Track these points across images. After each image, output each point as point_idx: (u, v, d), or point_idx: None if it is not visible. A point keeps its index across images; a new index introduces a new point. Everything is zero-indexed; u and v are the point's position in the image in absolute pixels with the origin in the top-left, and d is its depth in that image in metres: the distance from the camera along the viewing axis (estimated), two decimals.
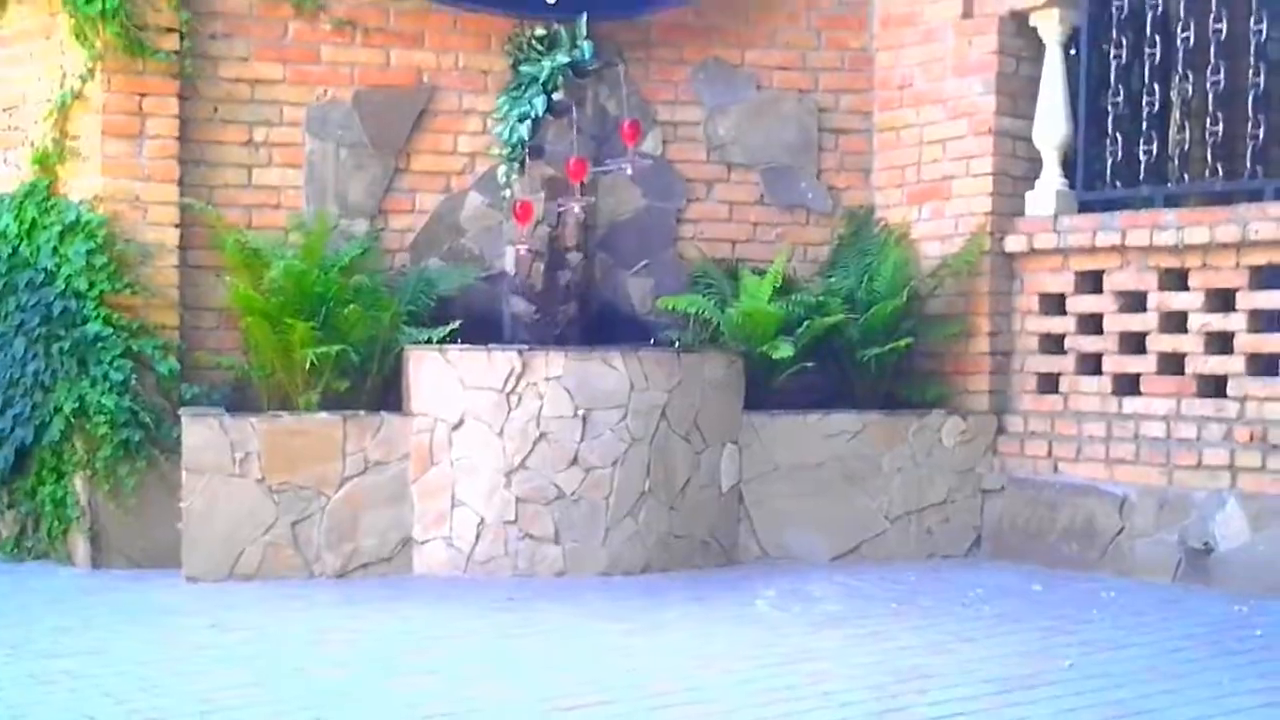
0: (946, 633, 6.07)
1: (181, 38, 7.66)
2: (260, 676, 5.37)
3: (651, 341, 7.87)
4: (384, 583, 7.19)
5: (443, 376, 7.37)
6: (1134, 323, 7.53)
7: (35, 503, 7.64)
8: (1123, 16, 7.85)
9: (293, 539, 7.24)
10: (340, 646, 5.85)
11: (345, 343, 7.35)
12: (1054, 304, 7.89)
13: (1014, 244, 7.93)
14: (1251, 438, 7.01)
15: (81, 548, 7.50)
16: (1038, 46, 8.00)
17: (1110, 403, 7.59)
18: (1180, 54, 7.68)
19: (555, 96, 7.99)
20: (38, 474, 7.60)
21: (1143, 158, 7.75)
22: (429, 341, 7.51)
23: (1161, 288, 7.42)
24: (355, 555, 7.31)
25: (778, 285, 7.88)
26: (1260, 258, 7.07)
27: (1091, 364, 7.73)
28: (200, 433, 7.17)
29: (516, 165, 8.04)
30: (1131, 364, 7.53)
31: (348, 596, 6.84)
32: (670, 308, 7.95)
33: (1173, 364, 7.38)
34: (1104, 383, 7.63)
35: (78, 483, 7.49)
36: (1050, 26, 7.90)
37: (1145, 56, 7.81)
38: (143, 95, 7.63)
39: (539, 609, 6.57)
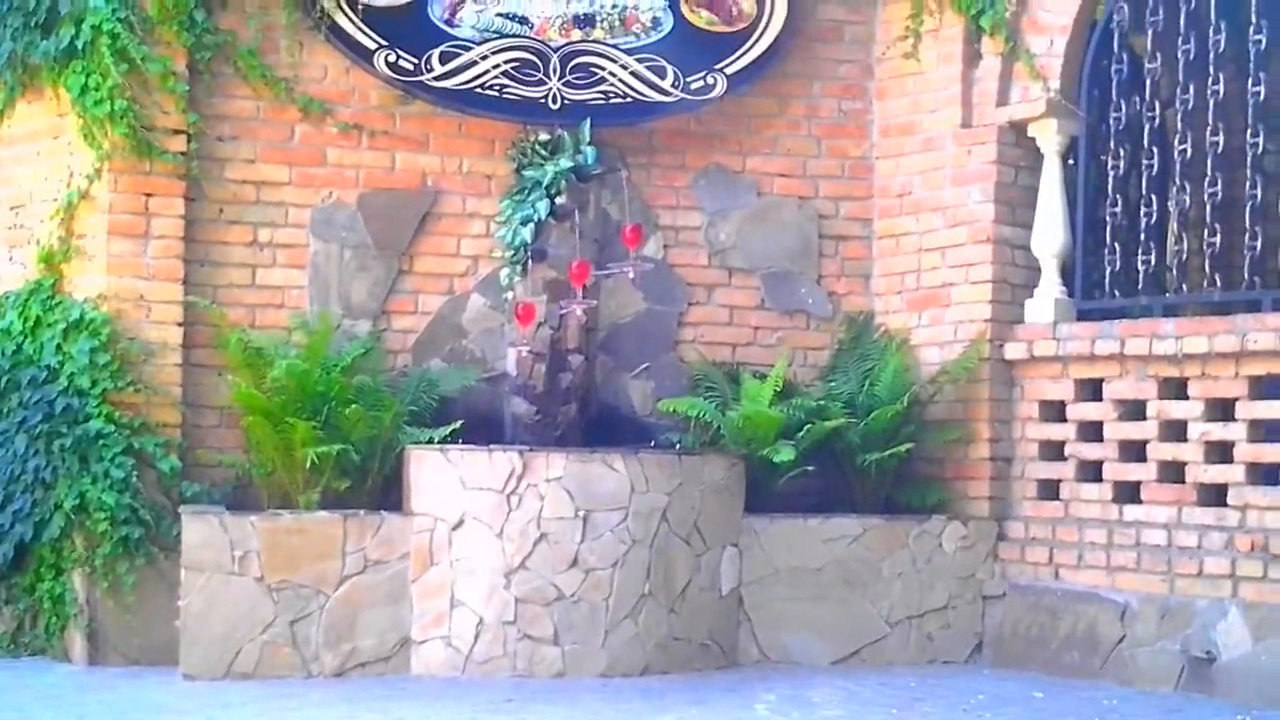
0: None
1: (189, 139, 7.73)
2: None
3: (652, 444, 7.89)
4: (381, 683, 7.13)
5: (443, 476, 7.37)
6: (1134, 431, 7.55)
7: (34, 599, 7.60)
8: (1120, 128, 7.96)
9: (291, 638, 7.20)
10: None
11: (346, 442, 7.36)
12: (1054, 411, 7.91)
13: (1014, 351, 7.96)
14: (1253, 547, 7.00)
15: (79, 645, 7.45)
16: (1036, 156, 8.08)
17: (1111, 510, 7.59)
18: (1178, 165, 7.77)
19: (558, 200, 8.00)
20: (37, 570, 7.56)
21: (1141, 267, 7.82)
22: (430, 441, 7.52)
23: (1161, 396, 7.45)
24: (353, 655, 7.26)
25: (778, 389, 7.92)
26: (1259, 368, 7.10)
27: (1092, 471, 7.73)
28: (200, 531, 7.16)
29: (519, 268, 8.06)
30: (1132, 472, 7.54)
31: (344, 696, 6.78)
32: (671, 410, 7.97)
33: (1173, 472, 7.40)
34: (1105, 490, 7.63)
35: (76, 579, 7.45)
36: (1048, 137, 7.99)
37: (1143, 167, 7.92)
38: (149, 195, 7.67)
39: (536, 711, 6.51)
